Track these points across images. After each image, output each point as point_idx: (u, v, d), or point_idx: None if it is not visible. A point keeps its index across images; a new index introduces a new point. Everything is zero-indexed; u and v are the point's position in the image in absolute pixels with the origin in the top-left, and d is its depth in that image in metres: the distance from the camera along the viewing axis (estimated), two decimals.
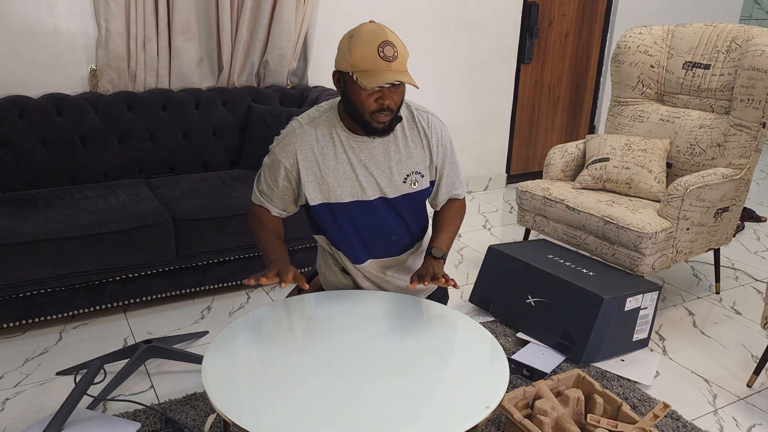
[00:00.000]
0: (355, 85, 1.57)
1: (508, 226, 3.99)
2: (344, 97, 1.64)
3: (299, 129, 1.71)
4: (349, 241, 1.81)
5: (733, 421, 2.18)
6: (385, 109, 1.60)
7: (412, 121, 1.77)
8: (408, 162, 1.76)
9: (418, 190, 1.80)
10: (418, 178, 1.78)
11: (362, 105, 1.59)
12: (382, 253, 1.86)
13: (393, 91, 1.60)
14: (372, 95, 1.58)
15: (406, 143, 1.76)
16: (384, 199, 1.76)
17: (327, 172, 1.71)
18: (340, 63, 1.61)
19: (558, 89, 4.77)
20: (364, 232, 1.80)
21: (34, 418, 2.06)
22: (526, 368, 2.34)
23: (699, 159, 2.93)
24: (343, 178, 1.71)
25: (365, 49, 1.54)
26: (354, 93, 1.59)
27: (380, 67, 1.53)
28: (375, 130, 1.65)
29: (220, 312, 2.77)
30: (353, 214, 1.76)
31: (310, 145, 1.70)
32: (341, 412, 1.32)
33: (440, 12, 4.03)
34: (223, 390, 1.38)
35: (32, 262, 2.37)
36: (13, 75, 2.91)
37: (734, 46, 2.89)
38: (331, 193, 1.72)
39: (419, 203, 1.84)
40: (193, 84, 3.27)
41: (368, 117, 1.61)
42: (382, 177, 1.74)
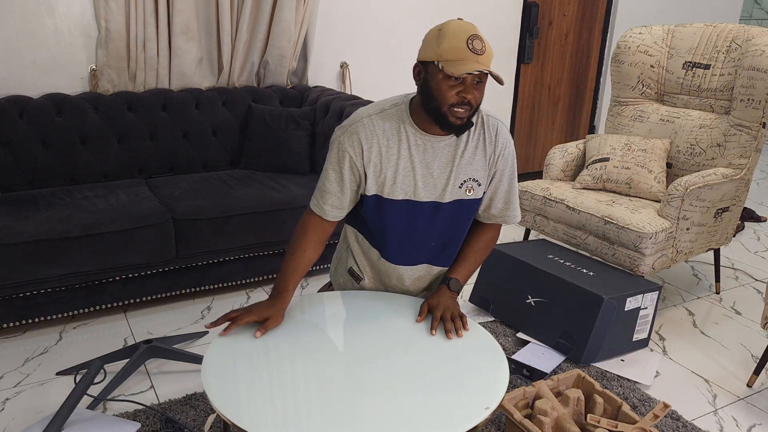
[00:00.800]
0: (439, 74, 1.55)
1: (508, 226, 3.99)
2: (424, 88, 1.61)
3: (366, 119, 1.68)
4: (388, 238, 1.77)
5: (733, 421, 2.18)
6: (465, 103, 1.57)
7: (481, 126, 1.74)
8: (468, 168, 1.72)
9: (471, 199, 1.76)
10: (474, 186, 1.74)
11: (443, 96, 1.56)
12: (418, 260, 1.81)
13: (475, 87, 1.58)
14: (454, 87, 1.56)
15: (468, 148, 1.72)
16: (435, 204, 1.72)
17: (387, 165, 1.67)
18: (425, 53, 1.59)
19: (558, 89, 4.77)
20: (406, 233, 1.76)
21: (34, 418, 2.06)
22: (526, 368, 2.34)
23: (699, 159, 2.93)
24: (400, 175, 1.68)
25: (455, 40, 1.53)
26: (436, 83, 1.57)
27: (468, 58, 1.53)
28: (451, 125, 1.61)
29: (220, 312, 2.77)
30: (400, 212, 1.72)
31: (376, 136, 1.66)
32: (341, 413, 1.32)
33: (440, 12, 4.03)
34: (223, 390, 1.38)
35: (32, 262, 2.37)
36: (13, 75, 2.91)
37: (734, 46, 2.89)
38: (386, 187, 1.69)
39: (469, 212, 1.78)
40: (193, 84, 3.27)
41: (446, 110, 1.58)
42: (440, 179, 1.70)
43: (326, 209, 1.72)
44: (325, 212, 1.73)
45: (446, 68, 1.52)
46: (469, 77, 1.54)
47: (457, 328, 1.64)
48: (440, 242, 1.80)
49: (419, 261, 1.82)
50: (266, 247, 2.84)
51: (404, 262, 1.81)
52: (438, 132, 1.67)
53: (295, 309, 1.75)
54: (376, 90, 3.92)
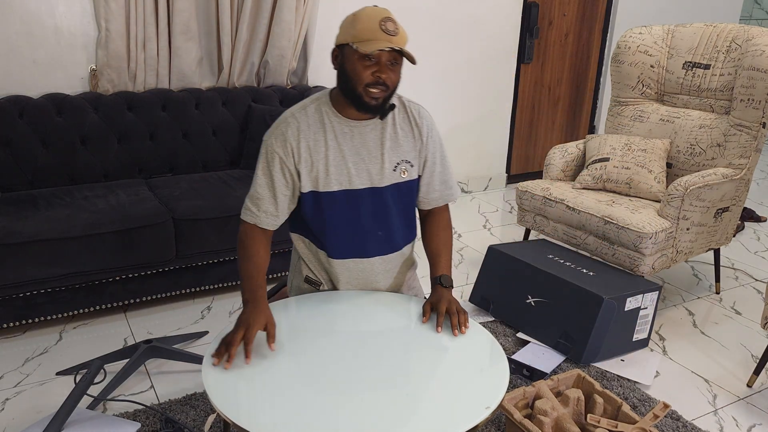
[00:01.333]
0: (354, 54, 1.59)
1: (508, 226, 3.99)
2: (341, 71, 1.64)
3: (290, 117, 1.70)
4: (334, 234, 1.76)
5: (733, 421, 2.18)
6: (380, 83, 1.60)
7: (403, 111, 1.78)
8: (398, 150, 1.75)
9: (407, 180, 1.78)
10: (407, 168, 1.77)
11: (358, 76, 1.59)
12: (368, 252, 1.81)
13: (390, 68, 1.61)
14: (369, 67, 1.59)
15: (397, 131, 1.75)
16: (372, 189, 1.74)
17: (317, 158, 1.69)
18: (341, 37, 1.62)
19: (558, 89, 4.77)
20: (350, 226, 1.76)
21: (34, 418, 2.06)
22: (526, 368, 2.34)
23: (699, 159, 2.93)
24: (332, 165, 1.69)
25: (368, 22, 1.57)
26: (351, 64, 1.60)
27: (381, 38, 1.56)
28: (367, 105, 1.63)
29: (220, 312, 2.77)
30: (339, 204, 1.73)
31: (301, 131, 1.68)
32: (341, 413, 1.32)
33: (440, 12, 4.03)
34: (223, 390, 1.38)
35: (32, 262, 2.37)
36: (13, 75, 2.91)
37: (734, 46, 2.89)
38: (320, 181, 1.70)
39: (407, 196, 1.81)
40: (193, 84, 3.27)
41: (362, 90, 1.60)
42: (373, 164, 1.72)
43: (260, 216, 1.72)
44: (260, 219, 1.72)
45: (360, 48, 1.56)
46: (384, 57, 1.58)
47: (461, 324, 1.66)
48: (387, 230, 1.80)
49: (372, 253, 1.81)
50: None
51: (353, 254, 1.79)
52: (362, 117, 1.69)
53: (294, 309, 1.75)
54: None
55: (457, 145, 4.42)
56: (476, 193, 4.62)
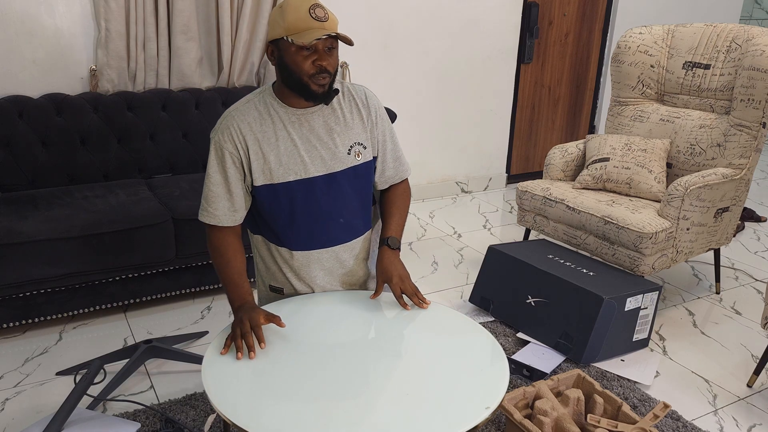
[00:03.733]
0: (291, 47, 1.58)
1: (508, 226, 3.99)
2: (281, 66, 1.63)
3: (234, 111, 1.69)
4: (294, 226, 1.75)
5: (733, 421, 2.18)
6: (323, 71, 1.60)
7: (349, 94, 1.78)
8: (349, 133, 1.75)
9: (363, 163, 1.77)
10: (361, 150, 1.76)
11: (300, 68, 1.59)
12: (331, 240, 1.79)
13: (328, 54, 1.61)
14: (309, 57, 1.59)
15: (344, 115, 1.75)
16: (328, 176, 1.72)
17: (268, 150, 1.67)
18: (273, 32, 1.62)
19: (558, 89, 4.77)
20: (310, 215, 1.74)
21: (34, 418, 2.06)
22: (526, 368, 2.34)
23: (699, 159, 2.93)
24: (284, 155, 1.68)
25: (297, 12, 1.56)
26: (290, 57, 1.60)
27: (313, 26, 1.56)
28: (315, 94, 1.63)
29: (220, 312, 2.77)
30: (297, 194, 1.71)
31: (248, 124, 1.67)
32: (341, 413, 1.32)
33: (440, 12, 4.03)
34: (223, 390, 1.38)
35: (32, 262, 2.37)
36: (13, 75, 2.91)
37: (734, 46, 2.89)
38: (274, 173, 1.68)
39: (364, 178, 1.80)
40: (193, 84, 3.27)
41: (307, 80, 1.61)
42: (325, 149, 1.71)
43: (219, 215, 1.70)
44: (219, 219, 1.70)
45: (296, 40, 1.56)
46: (321, 44, 1.58)
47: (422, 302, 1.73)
48: (347, 216, 1.79)
49: (338, 240, 1.80)
50: None
51: (321, 244, 1.78)
52: (307, 105, 1.69)
53: (294, 309, 1.75)
54: (376, 90, 3.92)
55: (457, 145, 4.42)
56: (476, 193, 4.62)
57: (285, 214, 1.73)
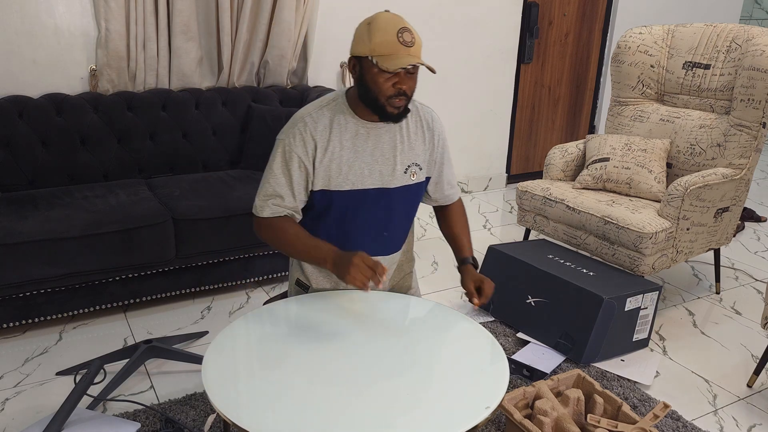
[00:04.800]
0: (374, 68, 1.60)
1: (508, 226, 3.99)
2: (361, 81, 1.65)
3: (307, 117, 1.71)
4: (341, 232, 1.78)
5: (734, 421, 2.18)
6: (401, 93, 1.63)
7: (416, 115, 1.81)
8: (410, 153, 1.78)
9: (416, 183, 1.81)
10: (416, 170, 1.80)
11: (379, 89, 1.61)
12: (372, 252, 1.81)
13: (409, 78, 1.64)
14: (390, 80, 1.61)
15: (410, 134, 1.78)
16: (382, 190, 1.76)
17: (333, 158, 1.70)
18: (358, 48, 1.64)
19: (558, 89, 4.77)
20: (357, 225, 1.78)
21: (34, 418, 2.06)
22: (526, 368, 2.34)
23: (699, 159, 2.93)
24: (346, 165, 1.71)
25: (385, 34, 1.57)
26: (371, 77, 1.62)
27: (400, 52, 1.57)
28: (390, 115, 1.66)
29: (220, 312, 2.77)
30: (349, 203, 1.74)
31: (318, 131, 1.70)
32: (341, 413, 1.32)
33: (440, 12, 4.03)
34: (223, 390, 1.38)
35: (32, 262, 2.37)
36: (13, 75, 2.91)
37: (734, 46, 2.89)
38: (332, 180, 1.71)
39: (414, 198, 1.84)
40: (193, 84, 3.27)
41: (384, 101, 1.63)
42: (385, 165, 1.75)
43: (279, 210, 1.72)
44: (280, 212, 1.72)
45: (380, 63, 1.57)
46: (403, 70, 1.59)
47: None
48: (391, 230, 1.83)
49: (376, 253, 1.82)
50: (266, 247, 2.84)
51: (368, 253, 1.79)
52: (378, 119, 1.71)
53: (293, 310, 1.75)
54: None
55: (457, 145, 4.41)
56: (476, 193, 4.62)
57: (334, 219, 1.77)
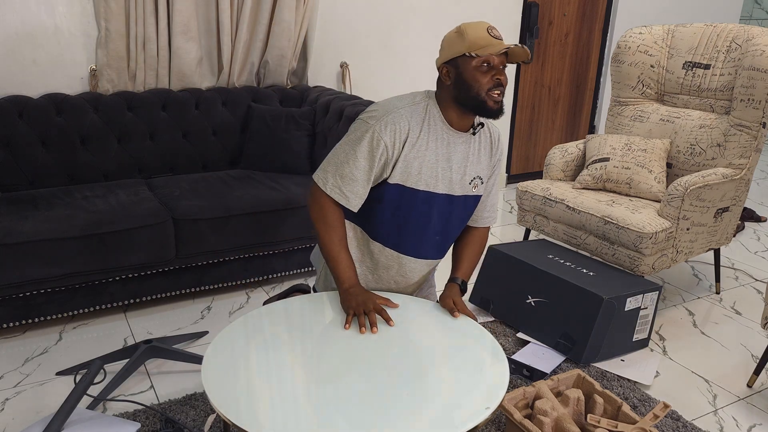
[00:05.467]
0: (472, 62, 1.67)
1: (508, 226, 3.99)
2: (458, 82, 1.70)
3: (402, 110, 1.74)
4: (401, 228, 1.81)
5: (734, 421, 2.18)
6: (500, 85, 1.69)
7: (487, 131, 1.88)
8: (478, 166, 1.84)
9: (475, 195, 1.87)
10: (478, 183, 1.86)
11: (479, 83, 1.67)
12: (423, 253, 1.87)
13: (503, 73, 1.70)
14: (487, 73, 1.67)
15: (480, 149, 1.84)
16: (448, 196, 1.80)
17: (414, 156, 1.73)
18: (451, 52, 1.70)
19: (558, 89, 4.77)
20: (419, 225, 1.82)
21: (34, 418, 2.06)
22: (526, 368, 2.34)
23: (699, 159, 2.93)
24: (425, 165, 1.75)
25: (477, 31, 1.67)
26: (470, 73, 1.68)
27: (494, 43, 1.66)
28: (490, 110, 1.70)
29: (220, 312, 2.77)
30: (419, 203, 1.78)
31: (410, 126, 1.72)
32: (341, 413, 1.32)
33: (440, 12, 4.02)
34: (223, 390, 1.38)
35: (32, 262, 2.37)
36: (13, 75, 2.91)
37: (734, 46, 2.89)
38: (410, 177, 1.75)
39: (470, 209, 1.89)
40: (193, 84, 3.27)
41: (485, 95, 1.68)
42: (456, 173, 1.79)
43: (350, 197, 1.74)
44: (349, 201, 1.74)
45: (481, 52, 1.65)
46: (498, 61, 1.67)
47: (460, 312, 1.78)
48: (443, 236, 1.88)
49: (424, 255, 1.88)
50: (266, 247, 2.84)
51: (412, 253, 1.86)
52: (461, 128, 1.77)
53: (294, 309, 1.75)
54: (376, 90, 3.92)
55: None
56: None
57: (399, 215, 1.80)
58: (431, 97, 1.79)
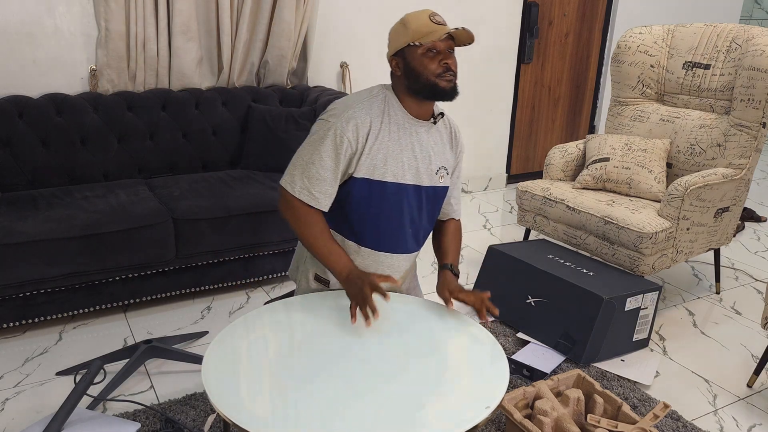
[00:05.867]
0: (418, 50, 1.68)
1: (508, 226, 3.99)
2: (407, 72, 1.71)
3: (360, 104, 1.74)
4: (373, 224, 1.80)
5: (734, 421, 2.18)
6: (449, 69, 1.69)
7: (448, 123, 1.89)
8: (442, 156, 1.84)
9: (443, 186, 1.87)
10: (444, 174, 1.86)
11: (427, 69, 1.68)
12: (399, 248, 1.86)
13: (451, 55, 1.71)
14: (434, 58, 1.68)
15: (442, 139, 1.85)
16: (416, 187, 1.80)
17: (378, 147, 1.73)
18: (397, 42, 1.72)
19: (558, 89, 4.77)
20: (391, 218, 1.81)
21: (34, 418, 2.06)
22: (526, 368, 2.34)
23: (699, 159, 2.93)
24: (390, 156, 1.75)
25: (419, 20, 1.68)
26: (417, 61, 1.69)
27: (437, 29, 1.67)
28: (444, 90, 1.71)
29: (220, 312, 2.77)
30: (388, 195, 1.77)
31: (370, 120, 1.73)
32: (341, 413, 1.32)
33: (440, 12, 4.03)
34: (223, 390, 1.38)
35: (32, 262, 2.37)
36: (13, 75, 2.91)
37: (734, 46, 2.89)
38: (376, 169, 1.74)
39: (439, 201, 1.89)
40: (193, 84, 3.27)
41: (435, 79, 1.69)
42: (422, 163, 1.79)
43: (320, 198, 1.72)
44: (319, 201, 1.73)
45: (423, 40, 1.66)
46: (443, 45, 1.68)
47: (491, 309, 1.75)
48: (416, 230, 1.87)
49: (401, 249, 1.87)
50: (266, 247, 2.84)
51: (388, 248, 1.84)
52: (421, 116, 1.78)
53: (294, 309, 1.75)
54: None
55: None
56: (476, 193, 4.62)
57: (370, 210, 1.79)
58: (389, 89, 1.80)
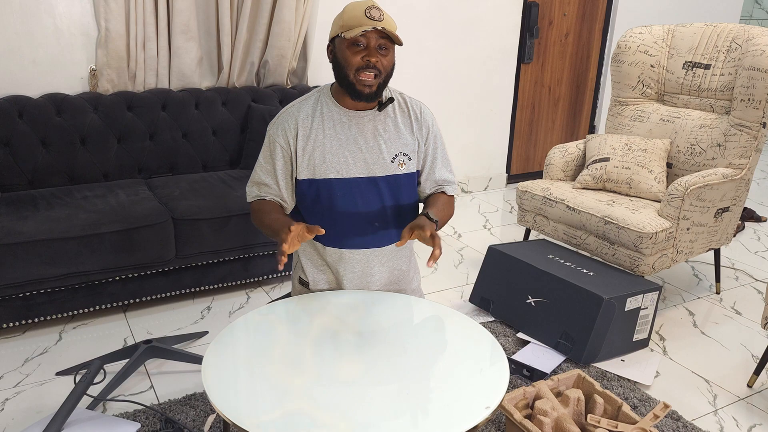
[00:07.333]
0: (343, 43, 1.65)
1: (508, 226, 3.99)
2: (334, 62, 1.71)
3: (291, 108, 1.78)
4: (330, 223, 1.78)
5: (734, 421, 2.18)
6: (370, 66, 1.64)
7: (404, 105, 1.83)
8: (397, 142, 1.79)
9: (405, 173, 1.81)
10: (405, 160, 1.81)
11: (349, 62, 1.65)
12: (364, 243, 1.82)
13: (380, 53, 1.66)
14: (358, 53, 1.64)
15: (396, 124, 1.80)
16: (368, 179, 1.77)
17: (315, 146, 1.74)
18: (332, 32, 1.71)
19: (558, 89, 4.77)
20: (346, 215, 1.78)
21: (34, 418, 2.06)
22: (526, 368, 2.34)
23: (699, 159, 2.93)
24: (329, 153, 1.74)
25: (353, 12, 1.64)
26: (342, 52, 1.67)
27: (365, 23, 1.61)
28: (360, 93, 1.67)
29: (220, 312, 2.77)
30: (336, 192, 1.76)
31: (300, 120, 1.75)
32: (341, 412, 1.32)
33: (440, 12, 4.02)
34: (223, 390, 1.38)
35: (32, 262, 2.37)
36: (13, 75, 2.91)
37: (734, 46, 2.89)
38: (317, 168, 1.74)
39: (405, 188, 1.83)
40: (193, 84, 3.27)
41: (353, 76, 1.66)
42: (370, 153, 1.76)
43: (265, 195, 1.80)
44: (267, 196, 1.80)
45: (346, 34, 1.62)
46: (372, 42, 1.64)
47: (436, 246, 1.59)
48: (383, 222, 1.82)
49: (368, 245, 1.82)
50: (266, 247, 2.84)
51: (353, 245, 1.81)
52: (359, 107, 1.74)
53: (294, 309, 1.75)
54: None
55: (457, 145, 4.41)
56: (476, 193, 4.62)
57: (323, 209, 1.79)
58: (325, 88, 1.80)
